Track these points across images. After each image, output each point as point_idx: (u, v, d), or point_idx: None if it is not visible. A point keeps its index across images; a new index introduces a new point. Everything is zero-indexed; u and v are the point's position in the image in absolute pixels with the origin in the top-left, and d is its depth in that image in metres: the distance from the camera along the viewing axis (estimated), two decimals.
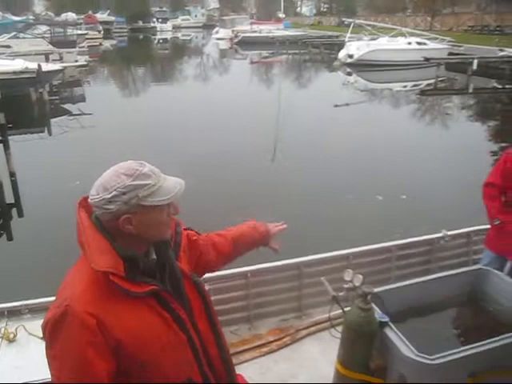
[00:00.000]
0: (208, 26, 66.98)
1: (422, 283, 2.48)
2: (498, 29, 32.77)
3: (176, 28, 66.93)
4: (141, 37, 57.87)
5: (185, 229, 1.64)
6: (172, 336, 1.35)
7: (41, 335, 2.55)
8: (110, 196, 1.26)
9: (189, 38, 58.08)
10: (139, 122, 13.85)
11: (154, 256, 1.43)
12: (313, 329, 3.35)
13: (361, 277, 2.17)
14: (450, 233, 3.99)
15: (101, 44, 44.96)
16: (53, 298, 1.34)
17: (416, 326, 2.34)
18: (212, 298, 1.73)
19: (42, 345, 1.31)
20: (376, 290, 2.20)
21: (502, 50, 21.61)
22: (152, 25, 65.61)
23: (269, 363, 3.06)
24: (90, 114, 14.78)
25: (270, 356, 3.13)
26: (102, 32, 49.58)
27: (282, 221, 1.96)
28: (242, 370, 1.67)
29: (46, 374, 1.31)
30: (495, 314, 2.47)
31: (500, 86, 20.27)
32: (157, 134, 12.19)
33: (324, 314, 3.25)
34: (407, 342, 2.01)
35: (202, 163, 9.33)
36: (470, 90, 20.05)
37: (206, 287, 1.61)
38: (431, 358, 1.93)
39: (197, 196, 6.20)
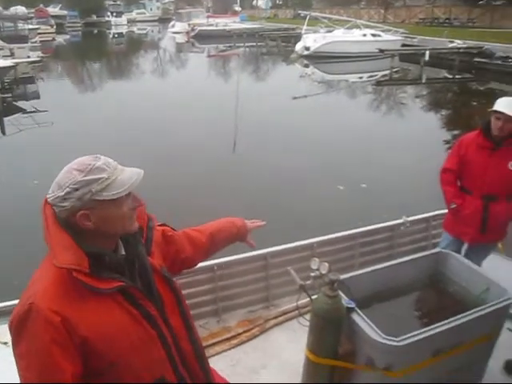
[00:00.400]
0: (164, 20, 65.81)
1: (386, 268, 2.54)
2: (446, 21, 34.41)
3: (131, 22, 65.31)
4: (95, 31, 56.16)
5: (160, 225, 1.62)
6: (142, 333, 1.33)
7: (3, 340, 2.48)
8: (63, 193, 1.25)
9: (144, 32, 56.93)
10: (97, 117, 13.49)
11: (123, 252, 1.40)
12: (281, 318, 3.39)
13: (327, 265, 2.19)
14: (410, 218, 4.12)
15: (54, 39, 43.41)
16: (15, 302, 1.30)
17: (382, 310, 2.40)
18: None
19: (5, 350, 1.27)
20: (342, 277, 2.23)
21: (451, 42, 22.36)
22: (106, 19, 63.55)
23: (239, 355, 3.07)
24: (46, 110, 14.33)
25: (240, 348, 3.14)
26: (55, 26, 47.87)
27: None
28: (213, 363, 1.67)
29: (10, 379, 1.27)
30: (454, 294, 2.57)
31: (450, 76, 20.98)
32: (115, 128, 11.94)
33: (292, 304, 3.29)
34: (374, 326, 2.06)
35: (160, 156, 9.22)
36: (423, 80, 20.66)
37: None
38: (397, 339, 1.99)
39: (155, 188, 6.10)
